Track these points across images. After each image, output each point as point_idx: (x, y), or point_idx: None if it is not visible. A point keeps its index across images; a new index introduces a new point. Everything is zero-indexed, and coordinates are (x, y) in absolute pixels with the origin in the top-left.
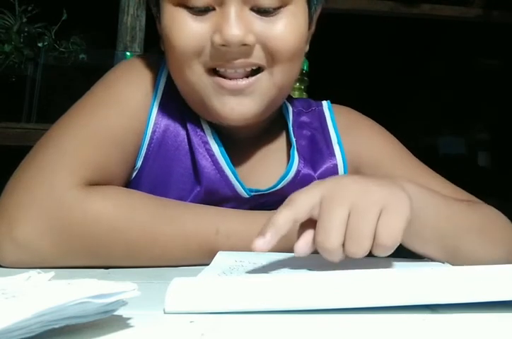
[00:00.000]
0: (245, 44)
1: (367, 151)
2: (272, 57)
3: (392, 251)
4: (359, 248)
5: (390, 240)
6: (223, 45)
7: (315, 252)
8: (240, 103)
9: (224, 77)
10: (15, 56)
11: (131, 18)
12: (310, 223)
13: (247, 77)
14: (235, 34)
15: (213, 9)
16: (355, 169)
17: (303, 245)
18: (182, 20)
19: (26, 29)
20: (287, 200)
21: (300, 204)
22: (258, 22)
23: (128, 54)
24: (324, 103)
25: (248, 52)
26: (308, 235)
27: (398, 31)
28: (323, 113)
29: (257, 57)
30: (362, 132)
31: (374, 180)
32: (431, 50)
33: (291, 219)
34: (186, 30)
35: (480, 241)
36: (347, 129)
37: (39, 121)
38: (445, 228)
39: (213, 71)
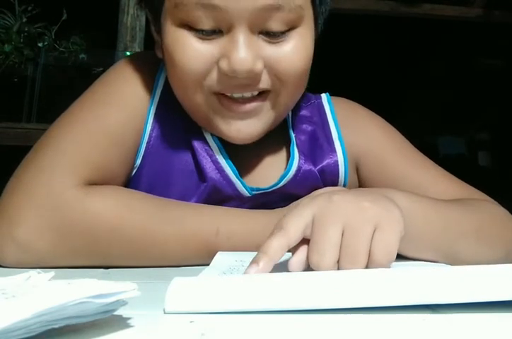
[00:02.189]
0: (252, 72)
1: (367, 142)
2: (279, 79)
3: (388, 267)
4: (354, 266)
5: (385, 258)
6: (231, 72)
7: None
8: (247, 124)
9: (229, 99)
10: (15, 56)
11: (131, 17)
12: (303, 240)
13: (253, 99)
14: (244, 62)
15: (220, 32)
16: (355, 161)
17: (297, 263)
18: (187, 41)
19: (26, 29)
20: (278, 224)
21: (293, 229)
22: (266, 47)
23: (128, 53)
24: (323, 95)
25: (256, 79)
26: (301, 253)
27: (398, 31)
28: (322, 106)
29: (264, 82)
30: (361, 123)
31: (365, 196)
32: (431, 50)
33: (284, 247)
34: (191, 51)
35: (478, 244)
36: (346, 121)
37: (40, 121)
38: (440, 236)
39: (219, 94)
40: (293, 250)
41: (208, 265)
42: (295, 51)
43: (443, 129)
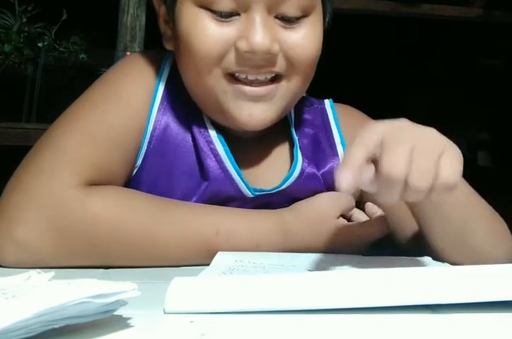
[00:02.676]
0: (269, 53)
1: None
2: (292, 65)
3: (452, 191)
4: (423, 182)
5: (452, 177)
6: (248, 52)
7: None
8: (259, 109)
9: (243, 83)
10: (15, 56)
11: (131, 17)
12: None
13: (266, 83)
14: (262, 42)
15: (238, 14)
16: None
17: (347, 174)
18: (205, 23)
19: (26, 29)
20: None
21: (369, 140)
22: (281, 31)
23: (128, 53)
24: (327, 101)
25: (272, 60)
26: (352, 165)
27: (398, 31)
28: (325, 111)
29: (279, 66)
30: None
31: (432, 129)
32: (431, 50)
33: (364, 153)
34: (209, 34)
35: (488, 233)
36: (349, 127)
37: (40, 121)
38: (462, 207)
39: (233, 77)
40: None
41: (208, 265)
42: (307, 39)
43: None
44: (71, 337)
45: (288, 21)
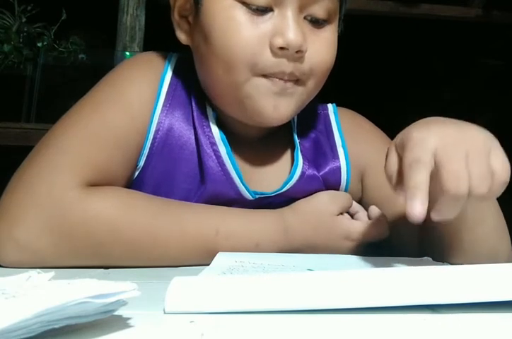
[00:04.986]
0: (300, 51)
1: (373, 155)
2: (312, 69)
3: (506, 185)
4: (484, 187)
5: (505, 174)
6: (283, 48)
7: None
8: (282, 102)
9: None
10: (14, 56)
11: (131, 17)
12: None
13: (288, 81)
14: (297, 38)
15: (271, 10)
16: (360, 173)
17: (420, 204)
18: (241, 18)
19: (25, 29)
20: (410, 158)
21: (427, 159)
22: (309, 33)
23: (127, 53)
24: (330, 106)
25: (301, 58)
26: (422, 194)
27: (398, 31)
28: (328, 116)
29: (302, 69)
30: (366, 136)
31: (469, 124)
32: (431, 50)
33: (428, 177)
34: (245, 29)
35: (497, 241)
36: (352, 132)
37: (39, 121)
38: (488, 215)
39: (262, 75)
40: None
41: (208, 265)
42: (329, 44)
43: None
44: (71, 337)
45: (316, 23)
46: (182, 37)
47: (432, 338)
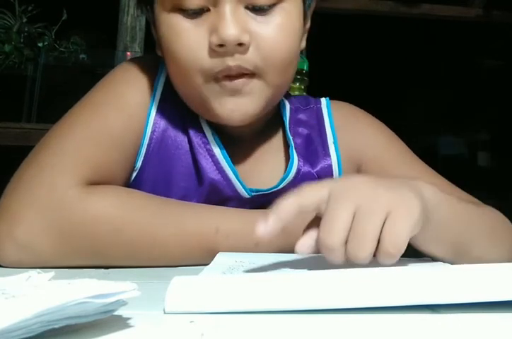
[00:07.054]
0: (240, 44)
1: (368, 148)
2: (266, 58)
3: (397, 259)
4: (361, 251)
5: (393, 248)
6: (220, 45)
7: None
8: (239, 103)
9: (223, 79)
10: (15, 56)
11: (131, 17)
12: (316, 223)
13: (241, 76)
14: (231, 33)
15: (208, 10)
16: (357, 167)
17: (305, 242)
18: (179, 26)
19: (26, 29)
20: (295, 191)
21: (307, 194)
22: (253, 22)
23: (128, 53)
24: (323, 100)
25: (244, 51)
26: (313, 232)
27: (398, 31)
28: (321, 111)
29: (252, 61)
30: (362, 129)
31: (385, 182)
32: (431, 50)
33: (295, 206)
34: (184, 35)
35: (490, 245)
36: (346, 126)
37: (39, 121)
38: (458, 231)
39: (214, 78)
40: (304, 233)
41: (208, 265)
42: (281, 29)
43: (442, 129)
44: (71, 337)
45: (260, 10)
46: (158, 51)
47: (432, 338)
